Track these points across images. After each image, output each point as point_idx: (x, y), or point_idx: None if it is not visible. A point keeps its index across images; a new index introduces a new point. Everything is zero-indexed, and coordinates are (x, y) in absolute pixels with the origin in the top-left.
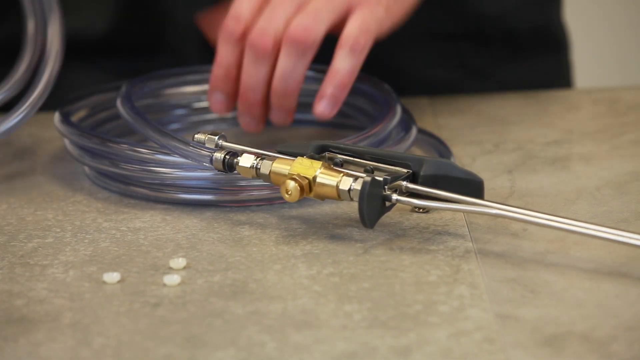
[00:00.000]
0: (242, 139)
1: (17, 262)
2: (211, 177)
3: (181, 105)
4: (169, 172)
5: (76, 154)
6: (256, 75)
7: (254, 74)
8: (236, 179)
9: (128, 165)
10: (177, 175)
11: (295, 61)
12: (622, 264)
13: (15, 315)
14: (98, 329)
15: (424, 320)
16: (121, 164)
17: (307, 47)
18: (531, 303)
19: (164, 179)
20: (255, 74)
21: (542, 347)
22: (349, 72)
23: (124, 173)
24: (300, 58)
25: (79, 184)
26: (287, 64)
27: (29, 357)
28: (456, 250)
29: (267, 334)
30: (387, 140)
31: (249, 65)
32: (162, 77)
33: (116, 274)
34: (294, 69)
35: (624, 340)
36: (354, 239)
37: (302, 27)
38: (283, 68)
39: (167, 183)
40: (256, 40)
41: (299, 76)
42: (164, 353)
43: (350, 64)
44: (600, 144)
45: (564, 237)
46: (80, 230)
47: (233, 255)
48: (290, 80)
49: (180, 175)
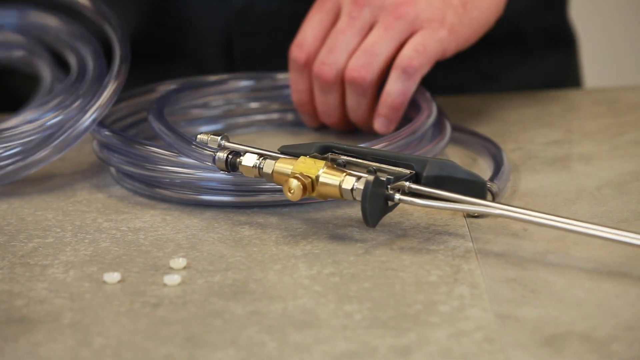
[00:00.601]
0: (255, 142)
1: (18, 262)
2: (231, 179)
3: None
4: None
5: (103, 156)
6: (326, 103)
7: (324, 101)
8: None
9: (156, 166)
10: (199, 176)
11: (357, 99)
12: (622, 264)
13: (15, 316)
14: (98, 329)
15: (424, 320)
16: (148, 166)
17: (365, 87)
18: (531, 303)
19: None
20: (325, 102)
21: (542, 347)
22: (401, 94)
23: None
24: (361, 96)
25: (79, 185)
26: (352, 101)
27: (29, 357)
28: (456, 250)
29: (267, 333)
30: (423, 140)
31: (318, 94)
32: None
33: (116, 274)
34: (359, 105)
35: (624, 340)
36: (354, 239)
37: (357, 68)
38: (349, 104)
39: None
40: (318, 72)
41: (366, 109)
42: (164, 353)
43: (402, 87)
44: (600, 144)
45: (564, 237)
46: (80, 230)
47: (233, 255)
48: (359, 113)
49: (202, 176)
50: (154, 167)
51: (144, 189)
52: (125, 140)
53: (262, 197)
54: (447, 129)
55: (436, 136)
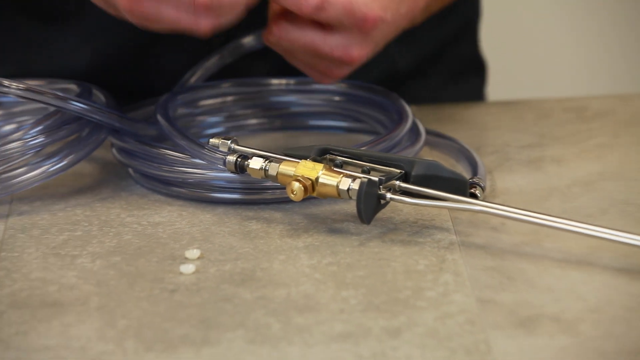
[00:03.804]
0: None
1: (50, 252)
2: (239, 179)
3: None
4: (204, 173)
5: (124, 160)
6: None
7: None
8: (263, 181)
9: (171, 167)
10: (209, 176)
11: None
12: (588, 254)
13: (48, 300)
14: (122, 311)
15: (412, 304)
16: (164, 167)
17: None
18: (508, 289)
19: (200, 179)
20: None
21: (518, 328)
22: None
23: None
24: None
25: (105, 184)
26: None
27: (60, 336)
28: (441, 242)
29: (273, 316)
30: (399, 145)
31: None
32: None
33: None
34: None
35: (589, 321)
36: (350, 232)
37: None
38: None
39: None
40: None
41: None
42: (180, 333)
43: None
44: (570, 147)
45: (537, 231)
46: (105, 224)
47: (242, 247)
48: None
49: (212, 175)
50: (170, 168)
51: (161, 187)
52: (145, 145)
53: (268, 195)
54: (422, 134)
55: (413, 141)
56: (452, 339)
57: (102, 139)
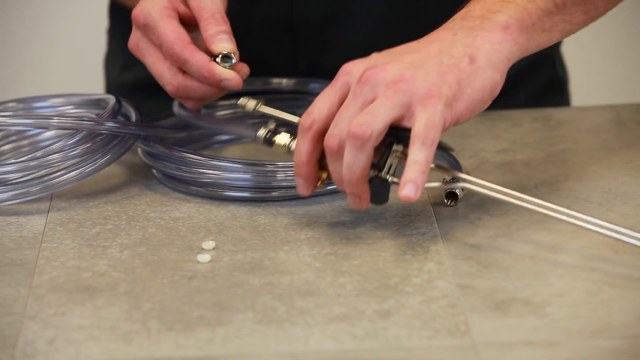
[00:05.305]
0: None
1: (84, 243)
2: (250, 179)
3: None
4: (218, 174)
5: (149, 162)
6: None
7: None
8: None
9: (189, 168)
10: (225, 177)
11: (355, 154)
12: (555, 245)
13: (82, 285)
14: (146, 296)
15: (401, 289)
16: (183, 168)
17: (364, 141)
18: (484, 276)
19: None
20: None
21: (493, 310)
22: (425, 161)
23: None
24: (359, 151)
25: (132, 184)
26: (349, 156)
27: (93, 317)
28: (426, 235)
29: (279, 300)
30: None
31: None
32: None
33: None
34: (355, 160)
35: (556, 304)
36: (346, 226)
37: (358, 124)
38: (346, 160)
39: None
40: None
41: (362, 166)
42: (197, 315)
43: (424, 155)
44: (538, 152)
45: (510, 224)
46: (132, 219)
47: (252, 239)
48: (354, 169)
49: (227, 176)
50: (189, 169)
51: (181, 187)
52: (167, 150)
53: (275, 194)
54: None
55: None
56: (435, 320)
57: (130, 145)
